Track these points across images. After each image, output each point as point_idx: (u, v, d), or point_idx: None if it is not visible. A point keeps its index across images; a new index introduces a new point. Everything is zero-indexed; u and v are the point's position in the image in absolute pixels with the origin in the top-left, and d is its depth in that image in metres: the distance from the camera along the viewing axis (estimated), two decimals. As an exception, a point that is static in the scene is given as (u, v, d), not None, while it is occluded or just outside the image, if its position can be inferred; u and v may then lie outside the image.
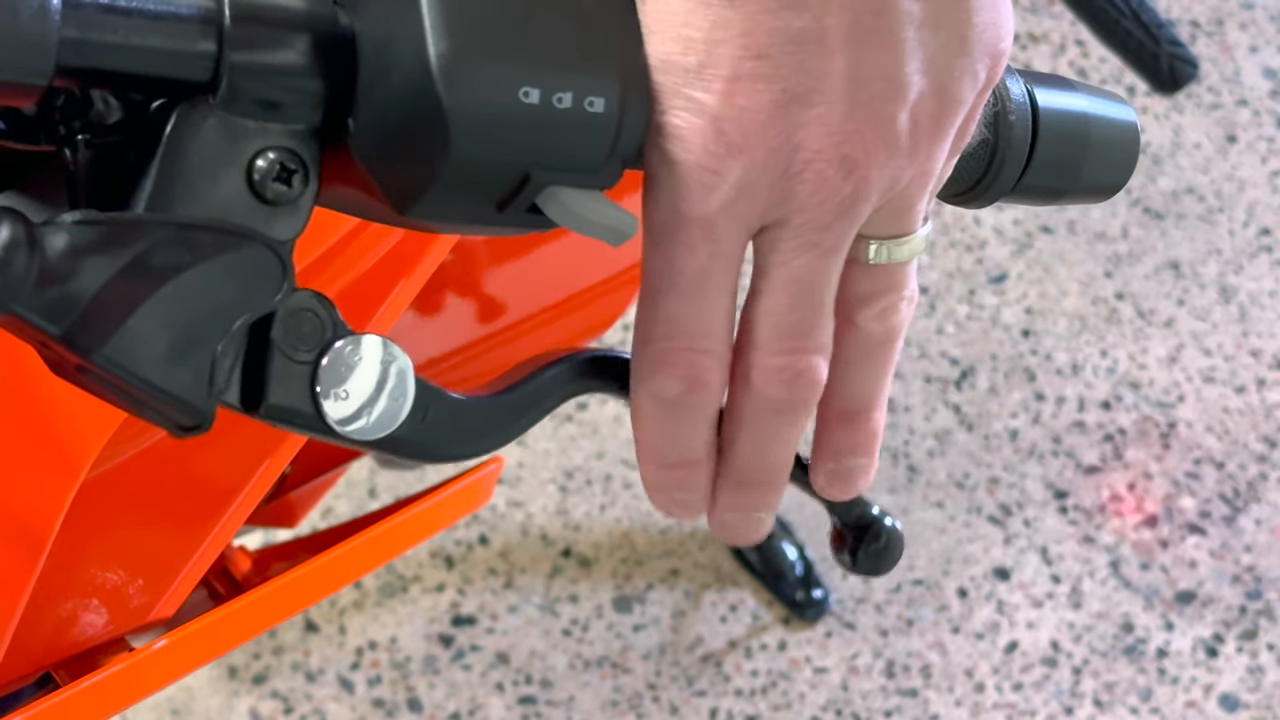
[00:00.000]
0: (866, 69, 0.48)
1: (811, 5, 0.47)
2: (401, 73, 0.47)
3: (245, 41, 0.47)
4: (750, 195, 0.49)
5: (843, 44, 0.47)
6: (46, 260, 0.45)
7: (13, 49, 0.44)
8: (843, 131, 0.48)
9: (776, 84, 0.47)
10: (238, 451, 0.81)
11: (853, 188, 0.49)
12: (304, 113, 0.48)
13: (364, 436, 0.51)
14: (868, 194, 0.49)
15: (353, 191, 0.49)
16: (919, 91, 0.48)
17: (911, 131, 0.49)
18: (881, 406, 0.54)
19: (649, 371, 0.51)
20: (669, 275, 0.50)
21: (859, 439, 0.54)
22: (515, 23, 0.47)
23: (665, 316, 0.50)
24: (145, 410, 0.48)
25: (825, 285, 0.51)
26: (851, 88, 0.48)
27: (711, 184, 0.48)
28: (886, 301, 0.52)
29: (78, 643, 0.80)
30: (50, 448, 0.68)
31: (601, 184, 0.49)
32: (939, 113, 0.49)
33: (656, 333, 0.51)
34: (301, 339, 0.49)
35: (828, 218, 0.49)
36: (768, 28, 0.47)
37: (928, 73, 0.48)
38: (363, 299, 0.77)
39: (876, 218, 0.51)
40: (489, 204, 0.48)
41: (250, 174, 0.48)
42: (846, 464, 0.55)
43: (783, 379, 0.51)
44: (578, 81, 0.47)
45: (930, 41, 0.48)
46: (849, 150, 0.48)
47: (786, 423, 0.52)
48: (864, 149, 0.48)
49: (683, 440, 0.52)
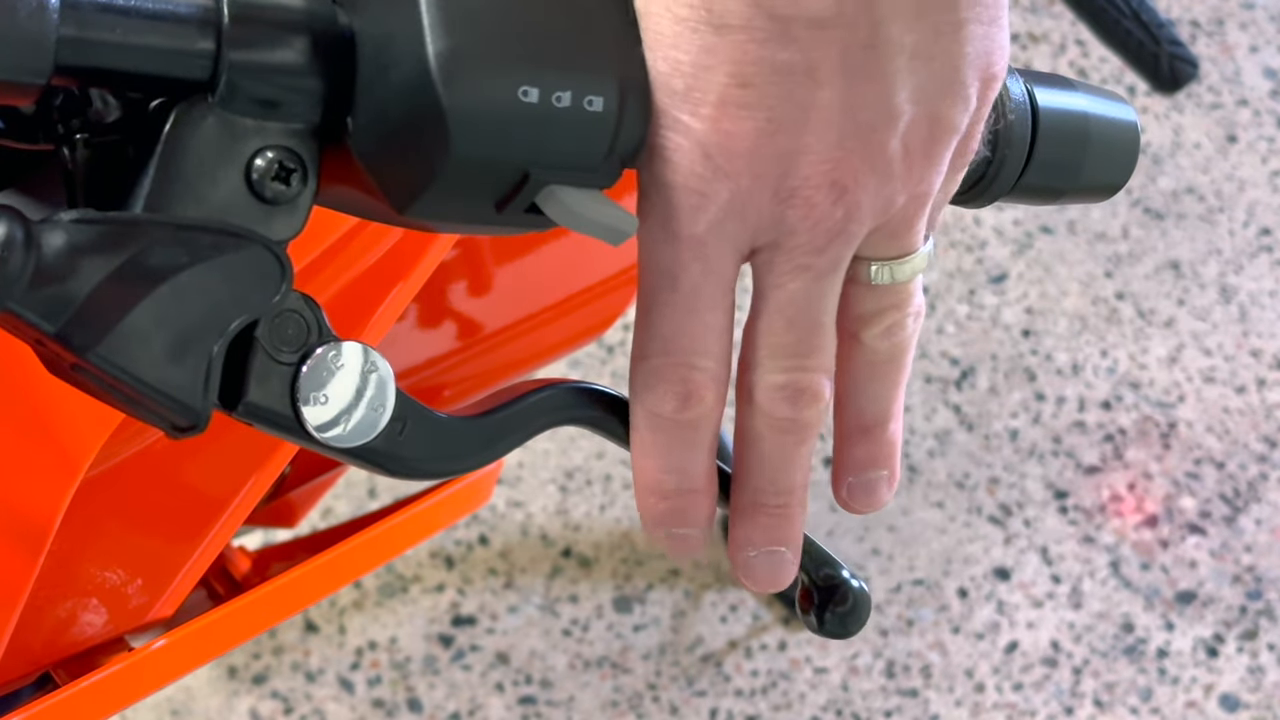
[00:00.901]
0: (855, 100, 0.47)
1: (798, 38, 0.47)
2: (400, 72, 0.47)
3: (244, 40, 0.47)
4: (739, 218, 0.49)
5: (831, 76, 0.47)
6: (43, 258, 0.45)
7: (11, 48, 0.44)
8: (831, 159, 0.48)
9: (762, 112, 0.47)
10: (237, 451, 0.81)
11: (844, 212, 0.49)
12: (303, 112, 0.48)
13: (339, 444, 0.50)
14: (860, 218, 0.49)
15: (352, 191, 0.49)
16: (909, 119, 0.48)
17: (904, 157, 0.49)
18: (897, 418, 0.54)
19: (644, 388, 0.51)
20: (662, 293, 0.50)
21: (877, 451, 0.54)
22: (514, 22, 0.47)
23: (659, 333, 0.51)
24: (140, 410, 0.48)
25: (822, 306, 0.51)
26: (840, 118, 0.48)
27: (699, 205, 0.49)
28: (891, 320, 0.52)
29: (77, 642, 0.80)
30: (49, 446, 0.68)
31: (600, 183, 0.49)
32: (931, 138, 0.49)
33: (651, 349, 0.51)
34: (285, 340, 0.49)
35: (820, 241, 0.49)
36: (754, 57, 0.47)
37: (919, 101, 0.48)
38: (361, 299, 0.77)
39: (874, 239, 0.51)
40: (488, 203, 0.48)
41: (249, 173, 0.48)
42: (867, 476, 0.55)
43: (784, 396, 0.51)
44: (577, 81, 0.47)
45: (921, 70, 0.48)
46: (838, 176, 0.48)
47: (794, 441, 0.52)
48: (854, 176, 0.48)
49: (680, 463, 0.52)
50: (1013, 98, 0.57)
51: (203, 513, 0.81)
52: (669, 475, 0.53)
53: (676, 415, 0.51)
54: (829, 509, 1.83)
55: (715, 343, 0.51)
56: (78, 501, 0.68)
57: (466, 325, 1.04)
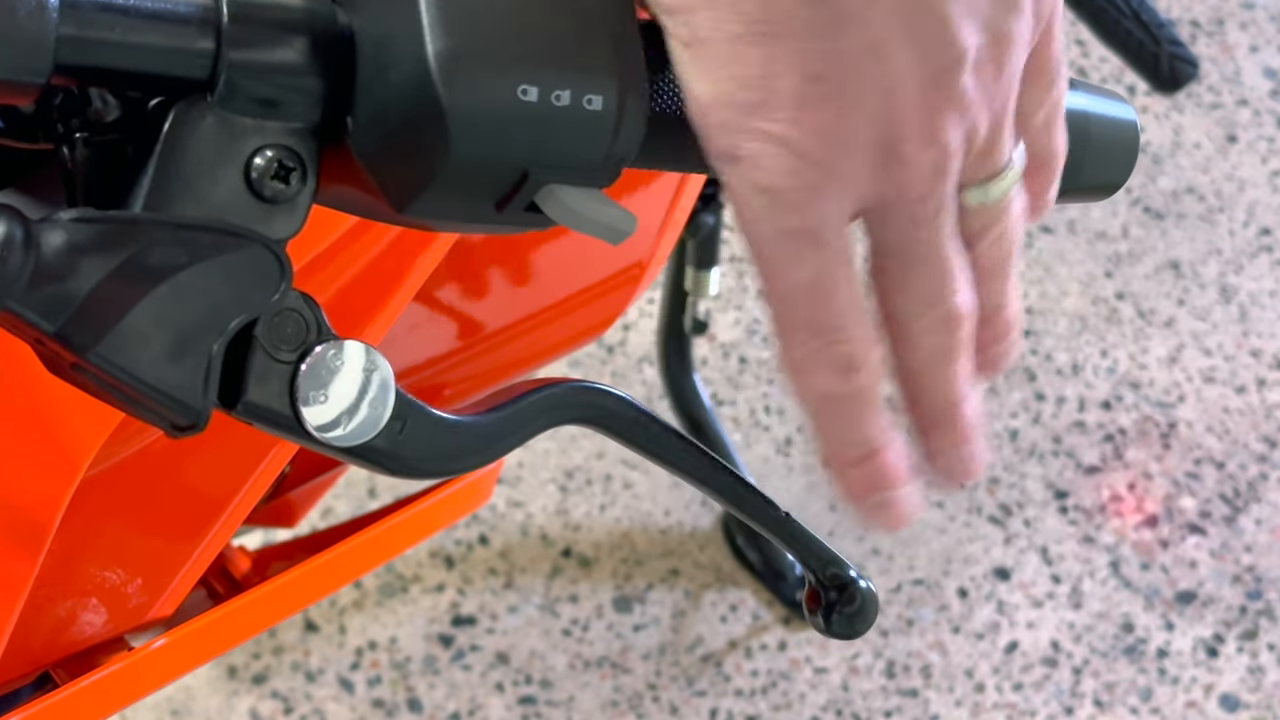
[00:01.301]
0: (923, 54, 0.48)
1: (854, 16, 0.47)
2: (400, 71, 0.47)
3: (243, 40, 0.47)
4: (841, 197, 0.50)
5: (894, 42, 0.48)
6: (43, 257, 0.45)
7: (10, 47, 0.44)
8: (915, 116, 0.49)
9: (840, 99, 0.48)
10: (237, 451, 0.81)
11: (937, 156, 0.50)
12: (302, 111, 0.48)
13: (339, 443, 0.50)
14: (952, 156, 0.50)
15: (351, 190, 0.49)
16: (977, 50, 0.49)
17: (978, 85, 0.50)
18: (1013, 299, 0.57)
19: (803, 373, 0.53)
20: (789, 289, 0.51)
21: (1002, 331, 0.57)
22: (514, 21, 0.47)
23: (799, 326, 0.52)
24: (140, 409, 0.48)
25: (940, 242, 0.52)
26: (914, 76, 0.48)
27: (804, 200, 0.50)
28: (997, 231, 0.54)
29: (77, 642, 0.80)
30: (49, 445, 0.68)
31: (600, 182, 0.49)
32: (1000, 59, 0.50)
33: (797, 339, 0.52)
34: (285, 339, 0.49)
35: (922, 189, 0.51)
36: (818, 51, 0.48)
37: (984, 30, 0.49)
38: (361, 299, 0.77)
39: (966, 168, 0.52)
40: (488, 202, 0.48)
41: (248, 172, 0.48)
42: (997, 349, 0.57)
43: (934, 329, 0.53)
44: (576, 80, 0.47)
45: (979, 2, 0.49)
46: (926, 129, 0.49)
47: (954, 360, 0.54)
48: (940, 122, 0.49)
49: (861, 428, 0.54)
50: (1012, 97, 0.57)
51: (203, 512, 0.81)
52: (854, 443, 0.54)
53: (842, 388, 0.53)
54: (829, 509, 1.83)
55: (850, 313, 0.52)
56: (77, 501, 0.68)
57: (467, 325, 1.04)
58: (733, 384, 1.91)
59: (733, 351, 1.93)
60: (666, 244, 1.03)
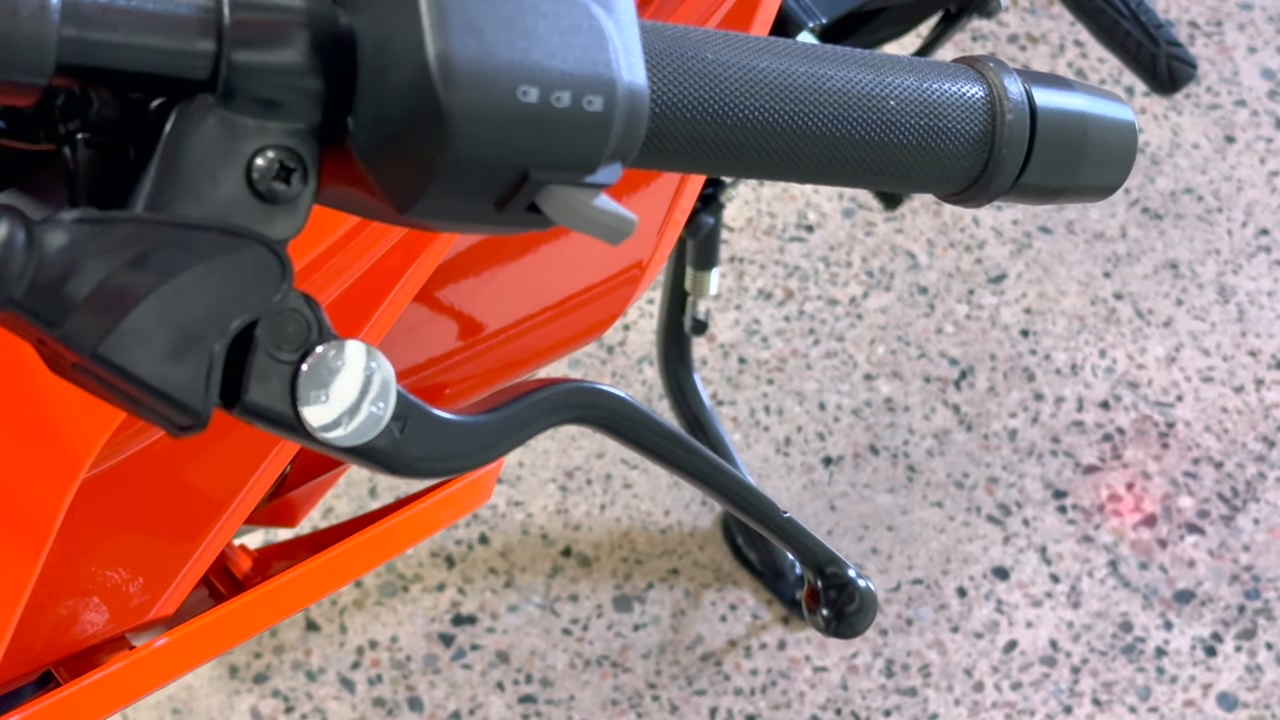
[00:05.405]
0: None
1: None
2: (400, 72, 0.47)
3: (244, 40, 0.47)
4: None
5: None
6: (45, 257, 0.45)
7: (12, 48, 0.44)
8: None
9: None
10: (238, 451, 0.81)
11: None
12: (303, 111, 0.48)
13: (340, 443, 0.51)
14: None
15: (352, 190, 0.50)
16: None
17: None
18: None
19: None
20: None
21: None
22: (514, 22, 0.47)
23: None
24: (141, 409, 0.48)
25: None
26: None
27: None
28: None
29: (78, 641, 0.80)
30: (50, 445, 0.68)
31: (600, 182, 0.49)
32: None
33: None
34: (286, 339, 0.49)
35: None
36: None
37: None
38: (362, 299, 0.77)
39: None
40: (488, 202, 0.48)
41: (249, 172, 0.48)
42: None
43: None
44: (576, 80, 0.48)
45: None
46: None
47: None
48: None
49: None
50: (1011, 97, 0.57)
51: (204, 512, 0.81)
52: None
53: None
54: (829, 509, 1.83)
55: None
56: (79, 500, 0.68)
57: (467, 325, 1.04)
58: (733, 384, 1.91)
59: (733, 351, 1.93)
60: (666, 244, 1.03)
